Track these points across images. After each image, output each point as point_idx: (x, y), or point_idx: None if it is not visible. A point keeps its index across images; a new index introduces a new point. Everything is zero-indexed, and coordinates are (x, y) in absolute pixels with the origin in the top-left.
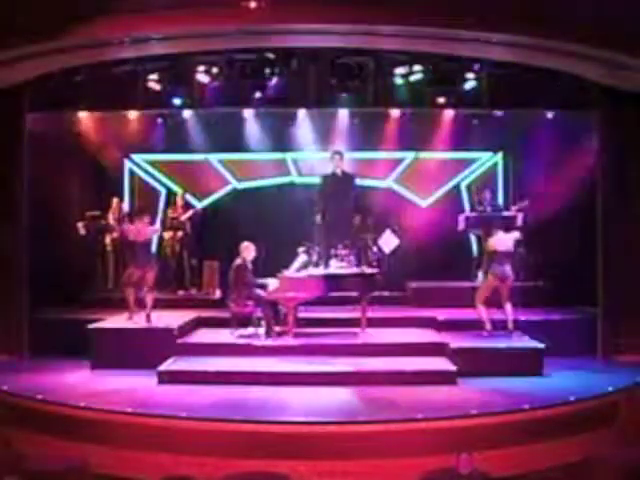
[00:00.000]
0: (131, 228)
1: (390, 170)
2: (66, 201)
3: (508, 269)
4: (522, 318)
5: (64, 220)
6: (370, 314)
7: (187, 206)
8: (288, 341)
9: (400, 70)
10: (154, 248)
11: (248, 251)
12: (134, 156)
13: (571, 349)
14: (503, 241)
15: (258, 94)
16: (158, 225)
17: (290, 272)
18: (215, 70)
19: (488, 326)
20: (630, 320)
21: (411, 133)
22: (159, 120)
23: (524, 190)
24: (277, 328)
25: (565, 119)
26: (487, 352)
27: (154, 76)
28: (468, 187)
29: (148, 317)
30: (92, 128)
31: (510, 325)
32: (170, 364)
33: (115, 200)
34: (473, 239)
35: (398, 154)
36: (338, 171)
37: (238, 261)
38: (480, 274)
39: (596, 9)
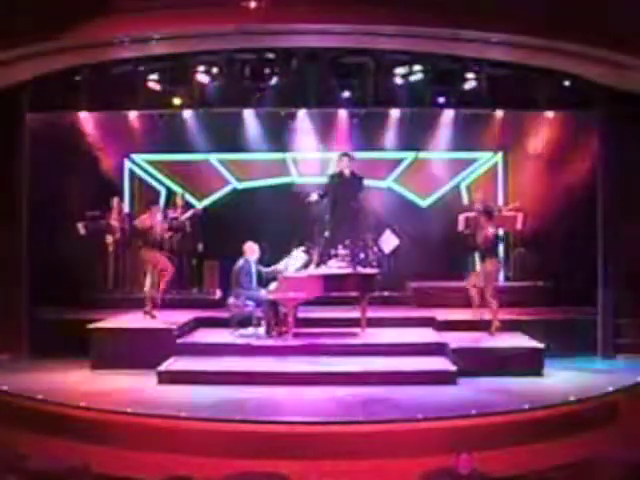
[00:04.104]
0: (142, 217)
1: (390, 170)
2: (66, 201)
3: (491, 261)
4: (522, 318)
5: (64, 220)
6: (370, 314)
7: (187, 206)
8: (288, 341)
9: (400, 70)
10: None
11: (251, 251)
12: (134, 156)
13: (571, 349)
14: (488, 235)
15: (258, 94)
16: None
17: (290, 272)
18: (215, 70)
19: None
20: (630, 320)
21: (411, 133)
22: (159, 120)
23: (524, 190)
24: (277, 328)
25: (565, 119)
26: (487, 352)
27: (154, 76)
28: (468, 187)
29: (152, 310)
30: (92, 128)
31: (494, 325)
32: (170, 364)
33: (115, 200)
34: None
35: (398, 154)
36: (347, 172)
37: (239, 262)
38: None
39: (596, 9)
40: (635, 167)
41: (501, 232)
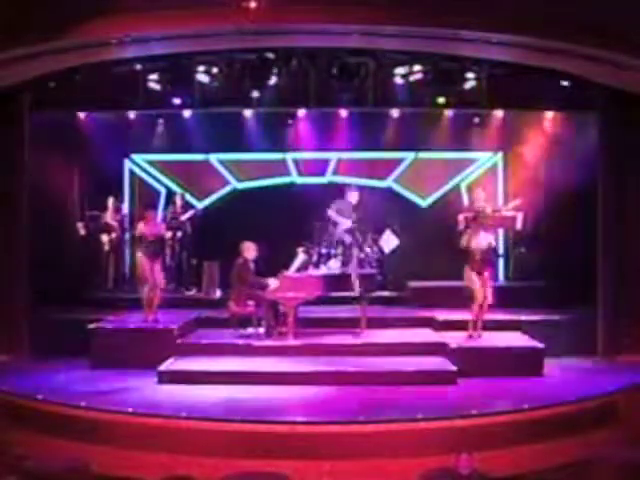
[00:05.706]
0: (139, 225)
1: (390, 170)
2: (66, 201)
3: (485, 264)
4: (522, 318)
5: (64, 220)
6: (370, 314)
7: (187, 206)
8: (288, 341)
9: (400, 70)
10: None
11: (249, 251)
12: (134, 156)
13: (571, 349)
14: (479, 238)
15: (258, 94)
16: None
17: (290, 272)
18: (215, 70)
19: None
20: (630, 320)
21: (411, 133)
22: (159, 120)
23: (524, 190)
24: (277, 328)
25: (565, 119)
26: (487, 352)
27: (154, 76)
28: (468, 187)
29: (155, 317)
30: (92, 128)
31: (478, 326)
32: (170, 364)
33: (111, 200)
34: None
35: (398, 154)
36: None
37: (239, 261)
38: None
39: (596, 9)
40: (635, 167)
41: (501, 232)
